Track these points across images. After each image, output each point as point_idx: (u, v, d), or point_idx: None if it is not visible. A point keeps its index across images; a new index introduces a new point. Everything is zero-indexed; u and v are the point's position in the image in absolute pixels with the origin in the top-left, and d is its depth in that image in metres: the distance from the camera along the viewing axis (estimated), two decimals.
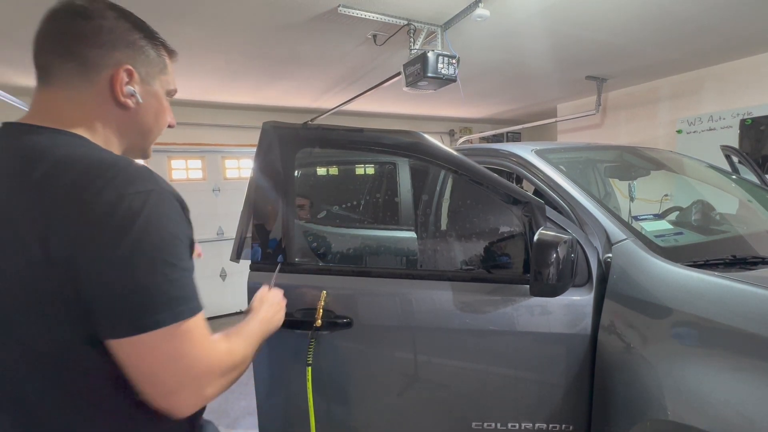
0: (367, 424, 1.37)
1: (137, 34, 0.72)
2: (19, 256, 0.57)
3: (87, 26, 0.67)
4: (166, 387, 0.60)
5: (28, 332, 0.59)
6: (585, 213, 1.31)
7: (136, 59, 0.71)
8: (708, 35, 3.21)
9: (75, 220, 0.57)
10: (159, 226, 0.60)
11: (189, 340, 0.60)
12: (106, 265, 0.57)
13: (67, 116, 0.67)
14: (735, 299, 0.97)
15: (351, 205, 2.27)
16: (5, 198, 0.59)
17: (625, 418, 1.06)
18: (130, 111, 0.72)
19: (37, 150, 0.61)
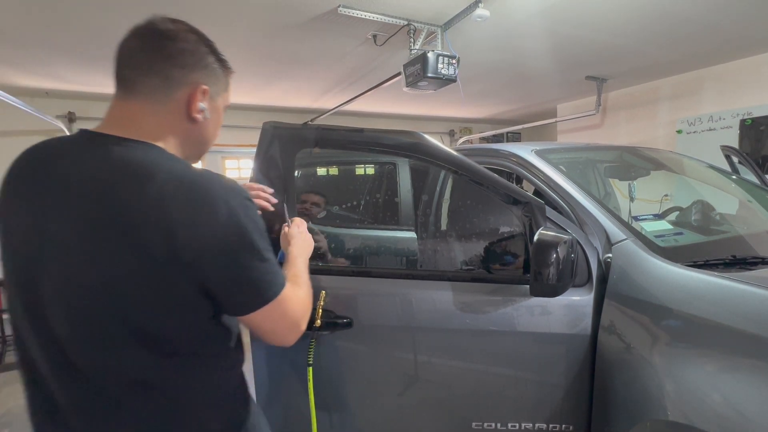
0: (367, 424, 1.37)
1: (211, 57, 0.81)
2: (143, 258, 0.67)
3: (173, 47, 0.75)
4: (281, 335, 0.82)
5: (146, 319, 0.70)
6: (585, 213, 1.31)
7: (209, 79, 0.80)
8: (708, 35, 3.21)
9: (198, 230, 0.68)
10: (256, 227, 0.75)
11: (288, 302, 0.80)
12: (228, 263, 0.71)
13: (147, 128, 0.75)
14: (735, 299, 0.97)
15: (351, 205, 2.27)
16: (124, 208, 0.67)
17: (625, 418, 1.06)
18: (198, 125, 0.81)
19: (142, 165, 0.69)
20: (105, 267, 0.67)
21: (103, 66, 3.42)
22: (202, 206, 0.68)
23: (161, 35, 0.75)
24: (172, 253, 0.66)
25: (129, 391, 0.72)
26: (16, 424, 2.88)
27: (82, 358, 0.70)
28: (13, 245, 0.73)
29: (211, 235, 0.68)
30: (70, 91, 4.12)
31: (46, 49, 3.00)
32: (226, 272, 0.71)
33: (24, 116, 3.93)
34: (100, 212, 0.67)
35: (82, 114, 4.41)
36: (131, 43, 0.75)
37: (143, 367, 0.71)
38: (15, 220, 0.72)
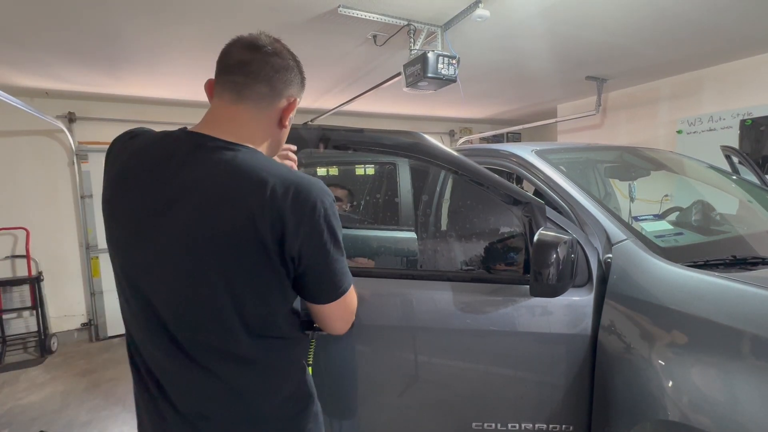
0: (367, 424, 1.37)
1: (302, 75, 0.93)
2: (256, 251, 0.77)
3: (281, 63, 0.86)
4: (345, 322, 0.95)
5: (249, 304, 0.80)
6: (585, 213, 1.31)
7: (299, 93, 0.92)
8: (708, 36, 3.21)
9: (302, 227, 0.78)
10: (339, 225, 0.85)
11: (353, 296, 0.94)
12: (323, 258, 0.83)
13: (248, 131, 0.85)
14: (735, 299, 0.97)
15: (351, 205, 2.27)
16: (241, 207, 0.76)
17: (626, 418, 1.06)
18: (283, 131, 0.93)
19: (254, 169, 0.78)
20: (224, 257, 0.77)
21: (103, 66, 3.42)
22: (305, 207, 0.78)
23: (271, 50, 0.85)
24: (281, 247, 0.78)
25: (219, 361, 0.83)
26: (16, 424, 2.88)
27: (182, 333, 0.81)
28: (128, 228, 0.81)
29: (312, 232, 0.79)
30: (70, 91, 4.12)
31: (46, 49, 3.00)
32: (319, 264, 0.83)
33: (24, 116, 3.93)
34: (224, 210, 0.76)
35: (82, 114, 4.41)
36: (242, 54, 0.83)
37: (236, 343, 0.82)
38: (131, 207, 0.81)
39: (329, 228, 0.81)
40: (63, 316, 4.52)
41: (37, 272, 4.32)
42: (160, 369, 0.85)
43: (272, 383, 0.88)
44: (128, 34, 2.78)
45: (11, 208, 4.23)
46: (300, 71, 0.91)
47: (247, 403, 0.85)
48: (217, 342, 0.82)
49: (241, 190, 0.76)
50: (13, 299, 4.25)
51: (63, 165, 4.43)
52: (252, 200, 0.76)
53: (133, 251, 0.81)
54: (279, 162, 0.88)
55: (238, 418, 0.85)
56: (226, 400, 0.84)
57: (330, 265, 0.84)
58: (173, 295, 0.79)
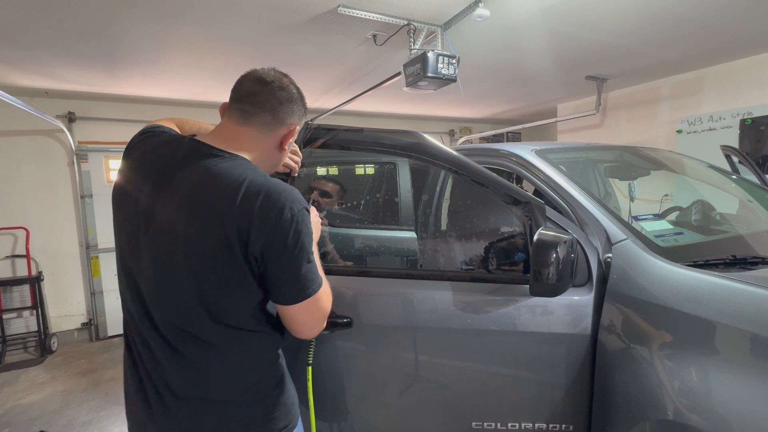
0: (367, 423, 1.37)
1: (304, 106, 1.03)
2: (225, 248, 0.85)
3: (285, 95, 0.98)
4: (310, 326, 0.98)
5: (217, 298, 0.88)
6: (585, 213, 1.31)
7: (299, 122, 1.03)
8: (708, 35, 3.21)
9: (266, 229, 0.85)
10: (308, 232, 0.90)
11: (321, 301, 0.96)
12: (284, 260, 0.88)
13: (246, 146, 0.97)
14: (735, 299, 0.97)
15: (351, 205, 2.27)
16: (216, 206, 0.85)
17: (626, 418, 1.06)
18: (281, 153, 1.03)
19: (234, 173, 0.88)
20: (193, 249, 0.86)
21: (103, 66, 3.42)
22: (272, 210, 0.85)
23: (277, 85, 0.97)
24: (245, 245, 0.85)
25: (187, 344, 0.90)
26: (15, 424, 2.88)
27: (163, 322, 0.90)
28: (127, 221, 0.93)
29: (275, 234, 0.85)
30: (70, 91, 4.12)
31: (46, 49, 3.00)
32: (281, 266, 0.88)
33: (24, 116, 3.93)
34: (201, 209, 0.86)
35: (82, 114, 4.41)
36: (252, 87, 0.96)
37: (207, 331, 0.90)
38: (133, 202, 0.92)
39: (295, 233, 0.87)
40: (63, 316, 4.52)
41: (37, 272, 4.33)
42: (143, 346, 0.94)
43: (235, 370, 0.94)
44: (128, 34, 2.78)
45: (11, 208, 4.23)
46: (302, 102, 1.02)
47: (211, 386, 0.93)
48: (185, 325, 0.90)
49: (216, 190, 0.86)
50: (13, 299, 4.25)
51: (63, 165, 4.43)
52: (223, 200, 0.85)
53: (128, 237, 0.92)
54: (263, 172, 0.93)
55: (204, 399, 0.93)
56: (194, 381, 0.92)
57: (292, 267, 0.89)
58: (151, 279, 0.90)
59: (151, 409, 0.93)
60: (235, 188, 0.85)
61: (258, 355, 0.97)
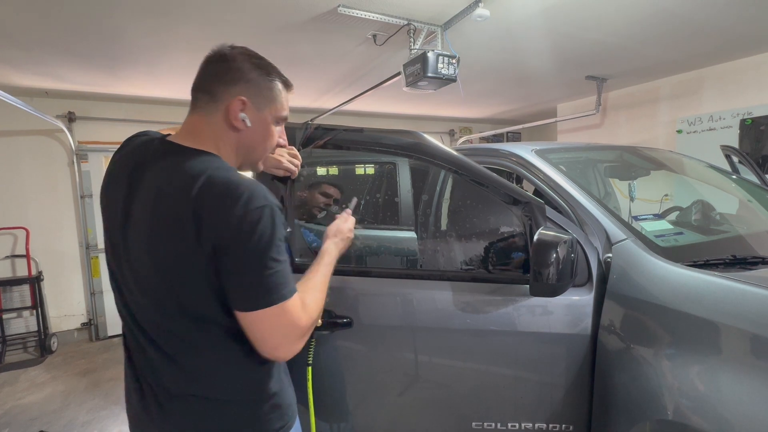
0: (367, 423, 1.37)
1: (255, 71, 0.92)
2: (183, 243, 0.81)
3: (220, 67, 0.90)
4: (272, 345, 0.85)
5: (185, 296, 0.84)
6: (585, 213, 1.31)
7: (249, 92, 0.91)
8: (708, 35, 3.21)
9: (217, 225, 0.80)
10: (269, 232, 0.82)
11: (290, 315, 0.84)
12: (235, 260, 0.81)
13: (204, 137, 0.91)
14: (735, 299, 0.97)
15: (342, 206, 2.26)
16: (176, 203, 0.82)
17: (626, 418, 1.06)
18: (242, 133, 0.93)
19: (196, 170, 0.84)
20: (160, 251, 0.83)
21: (103, 66, 3.41)
22: (224, 205, 0.80)
23: (216, 59, 0.91)
24: (199, 242, 0.80)
25: (181, 349, 0.87)
26: (15, 424, 2.88)
27: (145, 321, 0.89)
28: (108, 222, 0.92)
29: (226, 231, 0.80)
30: (70, 91, 4.12)
31: (46, 49, 3.00)
32: (235, 264, 0.81)
33: (24, 116, 3.93)
34: (161, 206, 0.83)
35: (82, 114, 4.40)
36: (200, 69, 0.92)
37: (189, 332, 0.86)
38: (112, 203, 0.91)
39: (250, 232, 0.80)
40: (63, 316, 4.52)
41: (37, 272, 4.33)
42: (135, 344, 0.92)
43: (220, 368, 0.90)
44: (128, 33, 2.78)
45: (11, 208, 4.23)
46: (254, 68, 0.91)
47: (201, 383, 0.89)
48: (164, 323, 0.87)
49: (176, 186, 0.83)
50: (13, 299, 4.25)
51: (63, 165, 4.43)
52: (181, 194, 0.81)
53: (109, 238, 0.93)
54: (230, 168, 0.88)
55: (197, 397, 0.89)
56: (182, 378, 0.89)
57: (249, 267, 0.81)
58: (129, 279, 0.88)
59: (148, 407, 0.91)
60: (193, 182, 0.82)
61: (242, 354, 0.89)
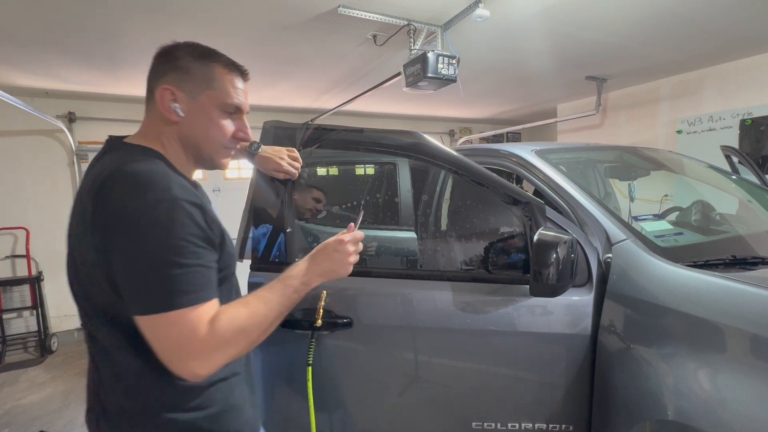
0: (367, 424, 1.37)
1: (189, 58, 0.86)
2: (85, 240, 0.76)
3: (156, 61, 0.86)
4: (164, 359, 0.75)
5: (96, 297, 0.78)
6: (585, 213, 1.31)
7: (179, 80, 0.85)
8: (708, 36, 3.21)
9: (106, 218, 0.73)
10: (164, 230, 0.73)
11: (178, 327, 0.73)
12: (123, 258, 0.73)
13: (146, 132, 0.87)
14: (735, 299, 0.97)
15: (351, 205, 2.27)
16: (83, 199, 0.77)
17: (625, 418, 1.06)
18: (179, 125, 0.86)
19: (113, 164, 0.78)
20: (74, 252, 0.79)
21: (103, 66, 3.42)
22: (115, 198, 0.73)
23: (157, 54, 0.87)
24: (94, 238, 0.74)
25: (102, 355, 0.81)
26: (15, 424, 2.88)
27: (83, 326, 0.84)
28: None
29: (113, 224, 0.73)
30: (70, 91, 4.12)
31: (46, 49, 3.00)
32: (120, 264, 0.73)
33: (24, 116, 3.93)
34: (76, 205, 0.79)
35: (82, 114, 4.40)
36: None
37: (105, 337, 0.79)
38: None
39: (140, 226, 0.71)
40: (63, 316, 4.52)
41: (37, 272, 4.33)
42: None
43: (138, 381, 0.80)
44: (128, 33, 2.78)
45: (11, 207, 4.23)
46: (189, 55, 0.85)
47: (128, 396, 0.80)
48: (85, 326, 0.83)
49: (88, 182, 0.78)
50: (13, 299, 4.25)
51: (63, 165, 4.43)
52: (87, 191, 0.77)
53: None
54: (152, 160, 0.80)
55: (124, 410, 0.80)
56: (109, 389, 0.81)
57: (137, 269, 0.72)
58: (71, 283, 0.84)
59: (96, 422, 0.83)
60: (100, 176, 0.76)
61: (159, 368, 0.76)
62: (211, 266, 0.79)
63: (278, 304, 0.88)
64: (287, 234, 1.33)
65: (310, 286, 0.95)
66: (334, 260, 0.98)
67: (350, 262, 1.01)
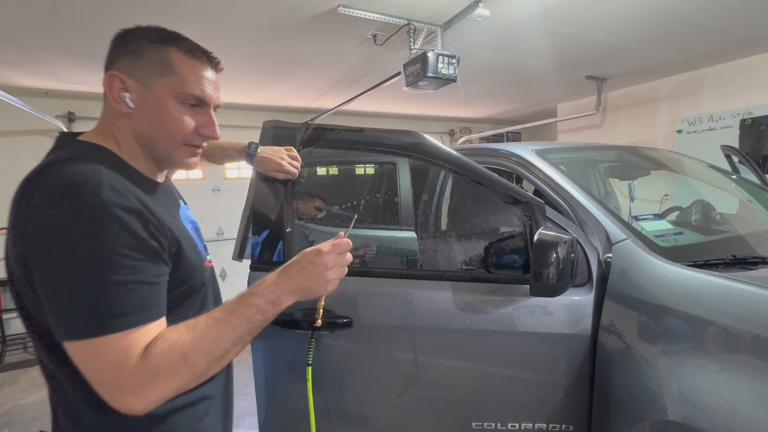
0: (367, 424, 1.37)
1: (144, 41, 0.75)
2: (11, 252, 0.67)
3: (110, 47, 0.76)
4: (98, 390, 0.64)
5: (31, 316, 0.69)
6: (585, 213, 1.31)
7: (132, 65, 0.74)
8: (708, 35, 3.21)
9: (24, 229, 0.64)
10: (89, 241, 0.62)
11: (113, 353, 0.62)
12: (43, 275, 0.62)
13: (101, 128, 0.78)
14: (735, 299, 0.97)
15: (351, 205, 2.27)
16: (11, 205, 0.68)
17: (625, 418, 1.06)
18: (132, 117, 0.76)
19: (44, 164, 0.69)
20: (8, 265, 0.69)
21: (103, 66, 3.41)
22: (35, 203, 0.63)
23: (113, 39, 0.77)
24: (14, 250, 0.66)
25: (50, 380, 0.73)
26: (15, 425, 2.88)
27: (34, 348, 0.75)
28: None
29: (33, 234, 0.62)
30: (70, 91, 4.12)
31: (46, 49, 3.00)
32: (38, 282, 0.63)
33: (24, 116, 3.93)
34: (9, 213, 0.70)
35: (82, 114, 4.40)
36: None
37: (49, 361, 0.70)
38: None
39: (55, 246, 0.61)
40: None
41: None
42: None
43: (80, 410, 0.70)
44: None
45: None
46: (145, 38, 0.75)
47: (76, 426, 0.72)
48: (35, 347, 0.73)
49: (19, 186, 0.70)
50: None
51: None
52: (15, 196, 0.69)
53: None
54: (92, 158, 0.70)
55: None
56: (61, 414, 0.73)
57: (53, 288, 0.62)
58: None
59: None
60: (27, 178, 0.67)
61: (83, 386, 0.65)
62: (154, 282, 0.68)
63: (235, 328, 0.71)
64: (287, 234, 1.33)
65: (279, 305, 0.77)
66: (309, 275, 0.80)
67: (330, 278, 0.82)
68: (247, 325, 0.73)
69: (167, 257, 0.72)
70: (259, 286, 0.77)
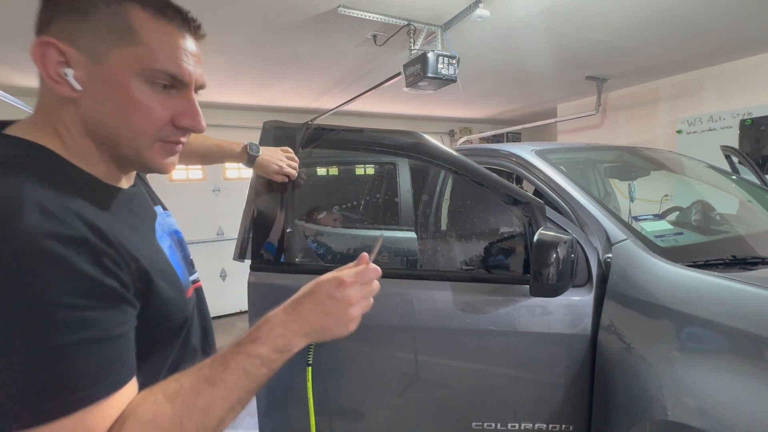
0: (367, 424, 1.37)
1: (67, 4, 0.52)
2: None
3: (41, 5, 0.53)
4: None
5: None
6: (585, 213, 1.31)
7: (74, 29, 0.51)
8: (708, 36, 3.21)
9: None
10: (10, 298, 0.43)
11: None
12: None
13: (38, 118, 0.56)
14: (735, 299, 0.97)
15: (351, 206, 2.27)
16: None
17: (625, 418, 1.06)
18: (80, 103, 0.54)
19: None
20: None
21: None
22: None
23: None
24: None
25: None
26: None
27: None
28: None
29: None
30: None
31: None
32: None
33: (24, 116, 3.93)
34: None
35: None
36: None
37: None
38: None
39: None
40: None
41: None
42: None
43: None
44: None
45: None
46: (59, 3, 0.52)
47: None
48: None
49: None
50: None
51: None
52: None
53: None
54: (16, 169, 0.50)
55: None
56: None
57: None
58: None
59: None
60: None
61: None
62: (115, 334, 0.49)
63: (231, 389, 0.54)
64: (287, 234, 1.33)
65: (289, 352, 0.61)
66: (328, 312, 0.63)
67: (353, 315, 0.65)
68: (248, 383, 0.56)
69: (132, 296, 0.53)
70: (261, 329, 0.59)
